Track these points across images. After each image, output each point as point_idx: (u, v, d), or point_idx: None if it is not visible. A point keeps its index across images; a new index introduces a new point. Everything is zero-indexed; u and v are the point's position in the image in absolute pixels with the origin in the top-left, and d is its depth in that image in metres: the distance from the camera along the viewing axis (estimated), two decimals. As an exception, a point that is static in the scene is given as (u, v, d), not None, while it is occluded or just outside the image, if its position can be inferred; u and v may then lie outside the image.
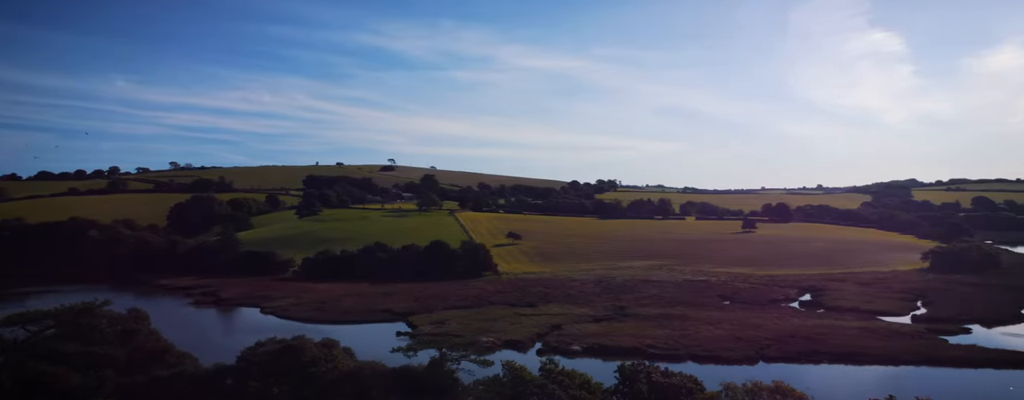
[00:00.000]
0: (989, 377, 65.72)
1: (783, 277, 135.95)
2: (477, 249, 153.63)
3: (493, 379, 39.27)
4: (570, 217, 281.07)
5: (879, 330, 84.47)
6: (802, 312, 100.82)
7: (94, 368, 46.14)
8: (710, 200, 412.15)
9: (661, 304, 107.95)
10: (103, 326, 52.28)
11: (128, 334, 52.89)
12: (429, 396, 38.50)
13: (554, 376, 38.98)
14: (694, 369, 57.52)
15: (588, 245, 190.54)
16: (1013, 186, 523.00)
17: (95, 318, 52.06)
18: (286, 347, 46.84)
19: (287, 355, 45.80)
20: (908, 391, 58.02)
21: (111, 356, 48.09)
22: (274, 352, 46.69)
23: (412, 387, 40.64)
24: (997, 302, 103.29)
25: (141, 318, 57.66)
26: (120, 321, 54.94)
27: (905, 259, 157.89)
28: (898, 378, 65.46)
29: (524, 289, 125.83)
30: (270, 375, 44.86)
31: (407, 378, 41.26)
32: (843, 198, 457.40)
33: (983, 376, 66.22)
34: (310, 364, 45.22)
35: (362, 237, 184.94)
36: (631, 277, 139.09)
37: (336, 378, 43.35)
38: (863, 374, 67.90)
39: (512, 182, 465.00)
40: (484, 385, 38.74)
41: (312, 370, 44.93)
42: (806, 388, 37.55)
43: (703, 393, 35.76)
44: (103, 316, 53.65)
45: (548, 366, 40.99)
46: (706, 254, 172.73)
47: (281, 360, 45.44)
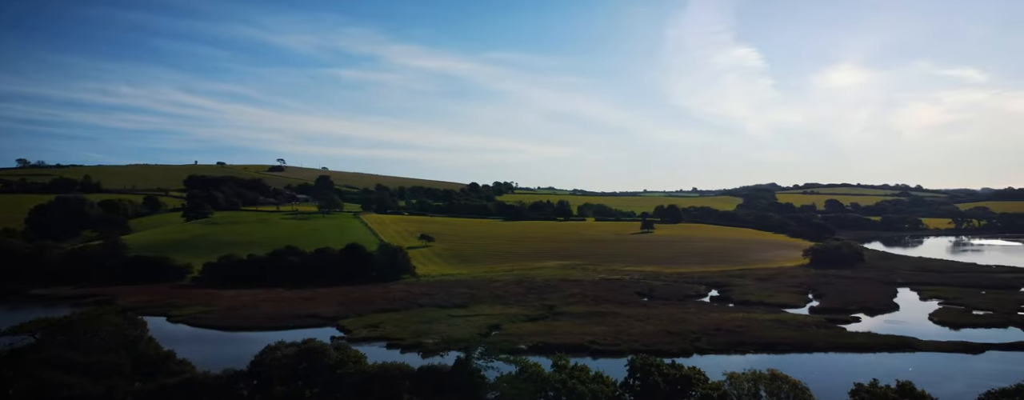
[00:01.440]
0: (887, 359, 74.97)
1: (689, 274, 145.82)
2: (395, 252, 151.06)
3: (515, 375, 40.04)
4: (477, 219, 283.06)
5: (789, 321, 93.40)
6: (717, 307, 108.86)
7: (103, 376, 44.56)
8: (601, 202, 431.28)
9: (587, 302, 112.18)
10: (107, 334, 50.02)
11: (130, 342, 51.05)
12: (456, 394, 38.62)
13: (569, 371, 40.43)
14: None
15: (501, 247, 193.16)
16: (856, 190, 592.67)
17: (101, 326, 50.28)
18: (304, 350, 46.26)
19: (307, 358, 44.99)
20: (831, 375, 65.70)
21: (116, 364, 46.56)
22: (293, 355, 45.80)
23: (440, 385, 40.81)
24: (873, 293, 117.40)
25: (140, 325, 55.63)
26: (121, 328, 53.14)
27: (788, 256, 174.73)
28: (818, 363, 73.06)
29: (448, 291, 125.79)
30: (297, 378, 43.55)
31: (434, 377, 41.38)
32: (718, 200, 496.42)
33: (882, 359, 75.43)
34: (336, 365, 44.61)
35: (265, 241, 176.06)
36: (550, 277, 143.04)
37: (364, 378, 42.92)
38: (787, 362, 74.84)
39: (410, 184, 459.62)
40: (508, 381, 39.37)
41: (339, 372, 44.43)
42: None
43: (709, 383, 38.67)
44: (108, 323, 51.61)
45: (560, 362, 42.31)
46: (614, 254, 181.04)
47: (301, 363, 44.50)
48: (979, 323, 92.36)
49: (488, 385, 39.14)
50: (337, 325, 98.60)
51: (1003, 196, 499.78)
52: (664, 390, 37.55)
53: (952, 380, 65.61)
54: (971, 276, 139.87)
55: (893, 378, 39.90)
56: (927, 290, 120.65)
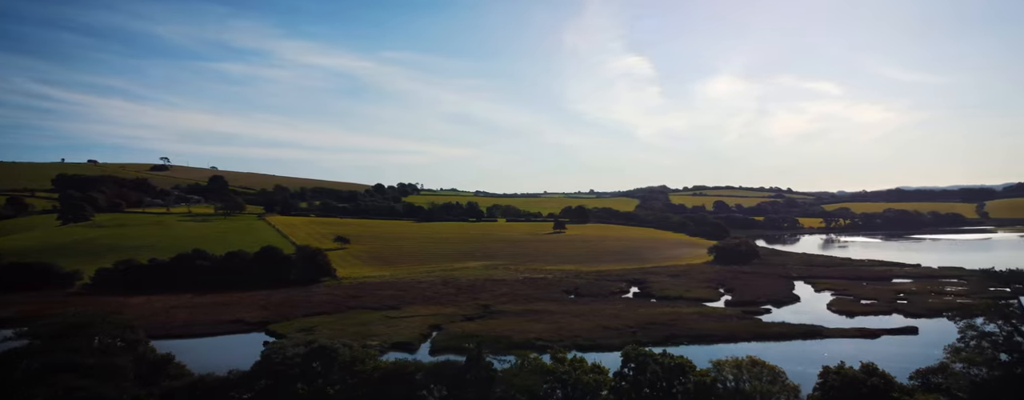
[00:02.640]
0: (803, 346, 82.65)
1: (608, 272, 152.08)
2: (314, 254, 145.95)
3: (521, 368, 40.89)
4: (388, 220, 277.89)
5: (711, 314, 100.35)
6: (642, 302, 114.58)
7: (112, 380, 43.69)
8: (505, 203, 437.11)
9: (519, 301, 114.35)
10: (107, 337, 48.63)
11: (131, 345, 49.65)
12: (471, 387, 38.97)
13: (570, 363, 41.90)
14: (592, 357, 63.86)
15: (420, 248, 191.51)
16: (738, 192, 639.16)
17: (104, 329, 49.10)
18: (317, 349, 45.40)
19: (320, 357, 44.19)
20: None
21: (121, 366, 45.47)
22: (305, 355, 44.93)
23: (454, 381, 40.94)
24: (776, 286, 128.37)
25: (138, 328, 54.30)
26: (120, 331, 51.70)
27: (693, 254, 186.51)
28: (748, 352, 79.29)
29: (376, 293, 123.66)
30: (315, 377, 42.57)
31: (449, 372, 41.57)
32: (617, 201, 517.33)
33: (798, 346, 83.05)
34: (353, 363, 44.05)
35: (164, 244, 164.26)
36: (474, 277, 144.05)
37: (383, 375, 42.52)
38: (720, 352, 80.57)
39: (312, 185, 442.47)
40: (516, 374, 40.12)
41: (358, 369, 43.91)
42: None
43: (698, 370, 41.54)
44: (110, 326, 50.07)
45: (558, 355, 43.58)
46: (533, 253, 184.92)
47: (313, 362, 43.67)
48: (868, 311, 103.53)
49: (499, 378, 39.89)
50: (267, 330, 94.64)
51: (859, 198, 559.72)
52: (662, 377, 40.14)
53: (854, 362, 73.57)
54: (851, 269, 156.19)
55: (816, 363, 44.53)
56: (819, 283, 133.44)
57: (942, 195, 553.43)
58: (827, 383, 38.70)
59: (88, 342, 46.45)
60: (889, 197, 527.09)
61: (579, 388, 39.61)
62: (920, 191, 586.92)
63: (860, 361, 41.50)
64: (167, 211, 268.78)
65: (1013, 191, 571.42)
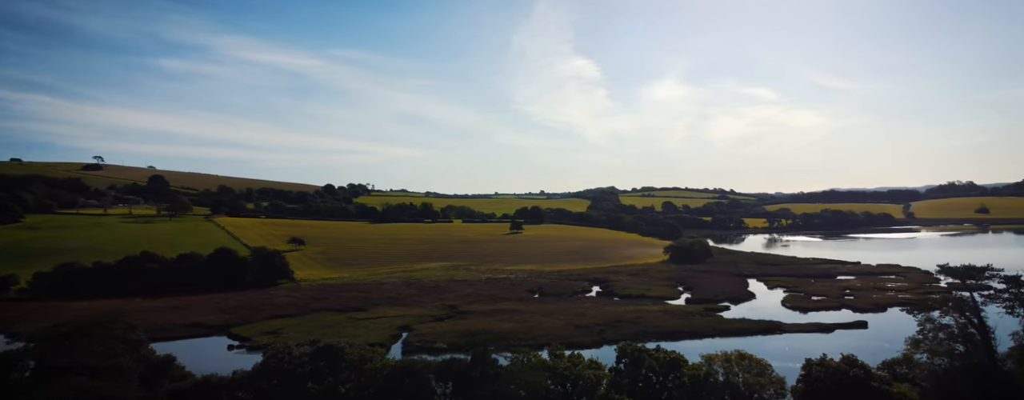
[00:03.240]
0: (763, 341, 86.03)
1: (569, 272, 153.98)
2: (271, 256, 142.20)
3: (522, 365, 41.32)
4: (341, 222, 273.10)
5: (675, 312, 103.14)
6: (607, 301, 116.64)
7: (119, 381, 43.48)
8: (457, 204, 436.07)
9: (485, 301, 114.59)
10: (111, 338, 47.60)
11: (132, 346, 48.87)
12: (479, 384, 39.39)
13: (568, 359, 42.53)
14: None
15: (377, 249, 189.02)
16: (684, 193, 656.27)
17: (111, 330, 48.36)
18: (323, 348, 45.33)
19: (326, 356, 44.32)
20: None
21: (128, 368, 45.34)
22: (311, 354, 44.89)
23: (461, 377, 41.25)
24: (731, 284, 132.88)
25: (138, 329, 53.44)
26: (123, 333, 50.87)
27: (649, 253, 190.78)
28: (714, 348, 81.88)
29: (338, 295, 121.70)
30: (325, 376, 42.65)
31: (455, 369, 41.80)
32: (569, 202, 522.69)
33: (759, 341, 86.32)
34: (361, 362, 44.20)
35: (106, 247, 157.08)
36: (436, 278, 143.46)
37: (393, 373, 42.56)
38: (689, 347, 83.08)
39: (258, 185, 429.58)
40: (520, 371, 40.45)
41: (367, 367, 44.08)
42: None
43: (691, 364, 42.84)
44: (116, 327, 49.51)
45: (557, 352, 44.09)
46: (492, 254, 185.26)
47: (321, 361, 43.64)
48: (820, 307, 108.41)
49: (504, 375, 40.22)
50: (228, 333, 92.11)
51: (797, 199, 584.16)
52: (658, 372, 41.26)
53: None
54: (798, 267, 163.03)
55: (780, 357, 46.74)
56: (771, 281, 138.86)
57: (872, 196, 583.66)
58: (811, 374, 40.72)
59: (94, 344, 45.18)
60: (825, 198, 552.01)
61: (580, 383, 40.43)
62: (852, 192, 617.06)
63: (841, 353, 43.79)
64: (105, 212, 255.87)
65: (934, 193, 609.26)
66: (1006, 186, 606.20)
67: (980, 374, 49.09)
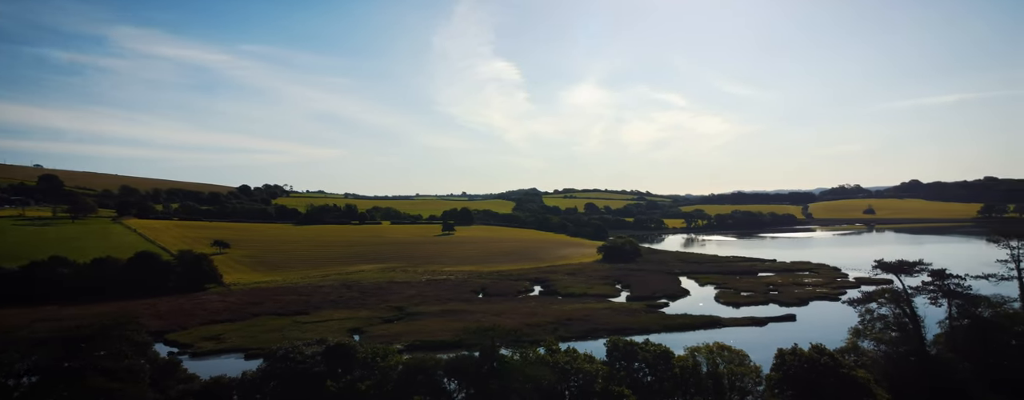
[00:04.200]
0: (706, 334, 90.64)
1: (508, 272, 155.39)
2: (198, 260, 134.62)
3: (524, 360, 41.90)
4: (262, 224, 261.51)
5: (620, 309, 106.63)
6: (551, 299, 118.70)
7: (135, 383, 43.21)
8: (379, 205, 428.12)
9: (431, 302, 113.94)
10: (122, 340, 46.34)
11: (140, 348, 47.83)
12: (491, 379, 39.66)
13: (563, 354, 43.51)
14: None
15: (308, 252, 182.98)
16: (604, 195, 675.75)
17: (125, 332, 46.97)
18: (334, 347, 45.56)
19: (339, 354, 44.32)
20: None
21: (140, 369, 44.93)
22: (323, 353, 44.63)
23: (469, 372, 41.60)
24: (666, 282, 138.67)
25: (143, 331, 51.53)
26: (132, 335, 49.42)
27: (582, 253, 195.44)
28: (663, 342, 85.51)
29: (276, 298, 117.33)
30: (341, 374, 42.58)
31: (464, 365, 42.07)
32: (494, 203, 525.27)
33: (702, 334, 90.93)
34: (374, 358, 44.42)
35: (2, 251, 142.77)
36: (375, 280, 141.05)
37: (409, 370, 42.77)
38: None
39: (166, 186, 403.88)
40: (525, 366, 40.96)
41: (382, 364, 44.13)
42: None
43: (678, 356, 44.85)
44: (127, 330, 48.11)
45: (553, 347, 44.88)
46: (428, 255, 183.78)
47: (333, 360, 43.65)
48: (749, 302, 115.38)
49: (511, 370, 40.71)
50: (165, 340, 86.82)
51: (709, 200, 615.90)
52: (651, 364, 43.04)
53: (767, 347, 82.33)
54: (722, 265, 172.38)
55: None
56: (701, 278, 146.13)
57: (775, 198, 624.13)
58: (785, 363, 43.83)
59: (108, 346, 43.79)
60: (733, 200, 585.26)
61: (580, 376, 41.62)
62: (757, 194, 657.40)
63: (810, 343, 47.35)
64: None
65: (827, 195, 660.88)
66: (888, 189, 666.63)
67: (918, 359, 54.52)
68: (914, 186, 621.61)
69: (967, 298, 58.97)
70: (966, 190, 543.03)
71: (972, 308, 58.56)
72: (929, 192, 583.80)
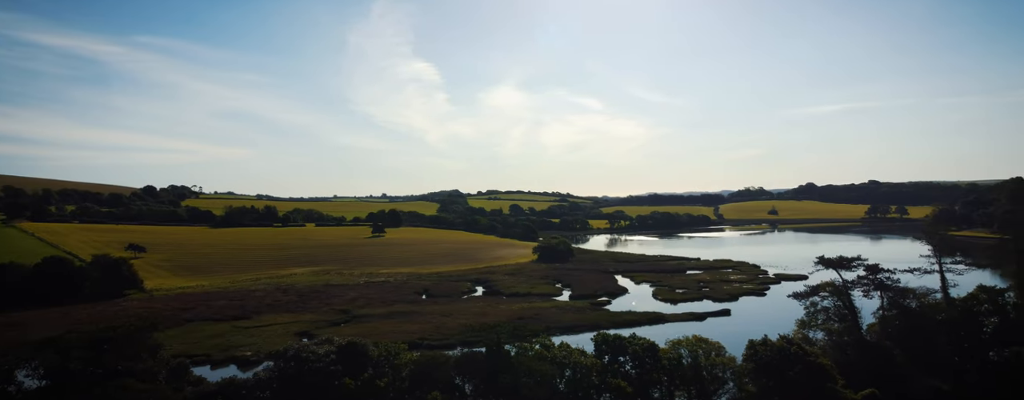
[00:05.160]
0: (652, 330, 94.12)
1: (447, 273, 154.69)
2: (117, 265, 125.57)
3: (531, 355, 42.58)
4: (174, 227, 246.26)
5: (566, 307, 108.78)
6: (497, 299, 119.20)
7: (156, 383, 44.37)
8: (303, 207, 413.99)
9: (376, 304, 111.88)
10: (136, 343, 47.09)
11: (152, 351, 48.38)
12: (504, 373, 40.32)
13: (557, 348, 44.40)
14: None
15: (232, 255, 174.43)
16: (528, 196, 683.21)
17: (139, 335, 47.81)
18: (347, 346, 45.50)
19: (353, 353, 44.61)
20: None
21: (157, 371, 46.40)
22: (338, 352, 44.81)
23: (478, 369, 42.16)
24: (603, 281, 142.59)
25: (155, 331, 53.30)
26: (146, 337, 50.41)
27: (517, 254, 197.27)
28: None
29: (207, 304, 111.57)
30: (359, 371, 42.85)
31: (473, 362, 42.77)
32: (419, 205, 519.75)
33: (648, 330, 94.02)
34: (388, 357, 44.43)
35: None
36: (310, 283, 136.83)
37: (422, 367, 43.07)
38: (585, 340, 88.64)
39: (57, 186, 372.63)
40: (526, 361, 41.53)
41: (396, 362, 44.67)
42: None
43: (661, 348, 46.56)
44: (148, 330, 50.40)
45: (547, 343, 45.46)
46: (362, 258, 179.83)
47: (347, 359, 43.96)
48: (685, 299, 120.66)
49: (517, 365, 41.30)
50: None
51: (628, 202, 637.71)
52: (641, 357, 44.53)
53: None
54: (653, 264, 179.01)
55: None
56: (637, 276, 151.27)
57: (688, 200, 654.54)
58: (757, 353, 46.70)
59: (128, 349, 43.80)
60: (650, 201, 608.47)
61: (579, 370, 42.77)
62: (671, 196, 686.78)
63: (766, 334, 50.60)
64: None
65: (735, 197, 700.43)
66: (787, 191, 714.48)
67: (860, 346, 59.53)
68: (810, 189, 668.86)
69: (896, 290, 64.91)
70: (854, 192, 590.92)
71: (901, 299, 64.56)
72: (823, 194, 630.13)
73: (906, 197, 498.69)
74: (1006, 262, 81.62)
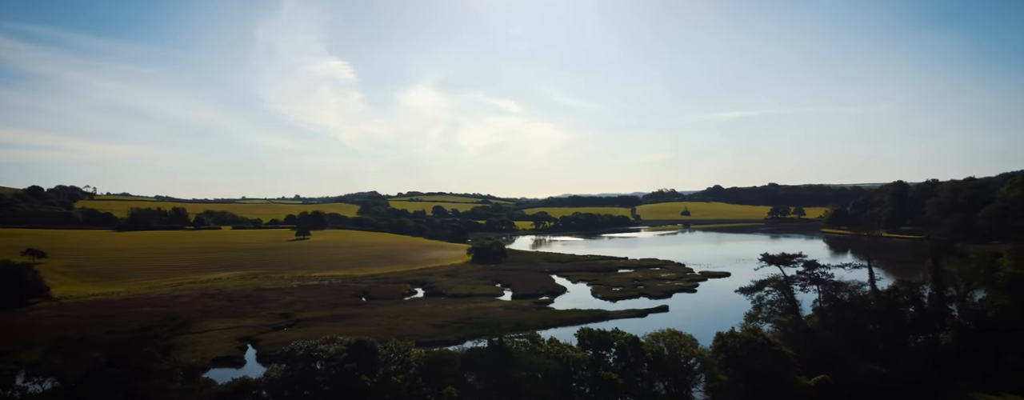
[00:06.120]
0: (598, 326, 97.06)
1: (384, 275, 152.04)
2: (20, 270, 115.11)
3: (528, 351, 43.22)
4: (72, 230, 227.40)
5: (513, 307, 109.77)
6: (441, 300, 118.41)
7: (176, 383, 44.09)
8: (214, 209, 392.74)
9: (316, 307, 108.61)
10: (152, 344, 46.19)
11: (165, 351, 47.17)
12: (500, 370, 41.52)
13: (545, 345, 45.22)
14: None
15: (146, 260, 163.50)
16: (450, 198, 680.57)
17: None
18: (357, 344, 45.78)
19: (363, 351, 45.06)
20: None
21: (175, 372, 45.52)
22: (349, 350, 45.11)
23: (483, 364, 42.86)
24: (542, 280, 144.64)
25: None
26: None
27: (451, 255, 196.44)
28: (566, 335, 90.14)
29: (127, 311, 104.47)
30: (374, 369, 43.59)
31: (476, 358, 43.49)
32: (337, 207, 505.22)
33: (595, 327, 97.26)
34: (399, 353, 44.98)
35: None
36: (240, 288, 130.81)
37: (428, 363, 43.67)
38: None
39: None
40: (526, 355, 42.09)
41: (408, 358, 45.31)
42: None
43: (641, 342, 48.10)
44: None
45: (536, 338, 46.02)
46: (291, 261, 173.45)
47: (360, 357, 44.35)
48: (623, 296, 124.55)
49: (520, 361, 41.90)
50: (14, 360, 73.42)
51: (550, 203, 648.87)
52: (626, 350, 45.93)
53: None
54: (584, 263, 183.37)
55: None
56: (573, 276, 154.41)
57: (606, 201, 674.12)
58: (726, 345, 49.50)
59: (146, 348, 42.86)
60: (570, 203, 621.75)
61: (573, 364, 43.85)
62: (590, 198, 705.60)
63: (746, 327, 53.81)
64: None
65: (650, 198, 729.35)
66: (697, 193, 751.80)
67: (806, 336, 64.20)
68: (717, 191, 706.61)
69: (830, 284, 70.55)
70: (756, 194, 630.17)
71: (834, 293, 70.21)
72: (729, 196, 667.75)
73: (802, 199, 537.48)
74: (921, 257, 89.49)
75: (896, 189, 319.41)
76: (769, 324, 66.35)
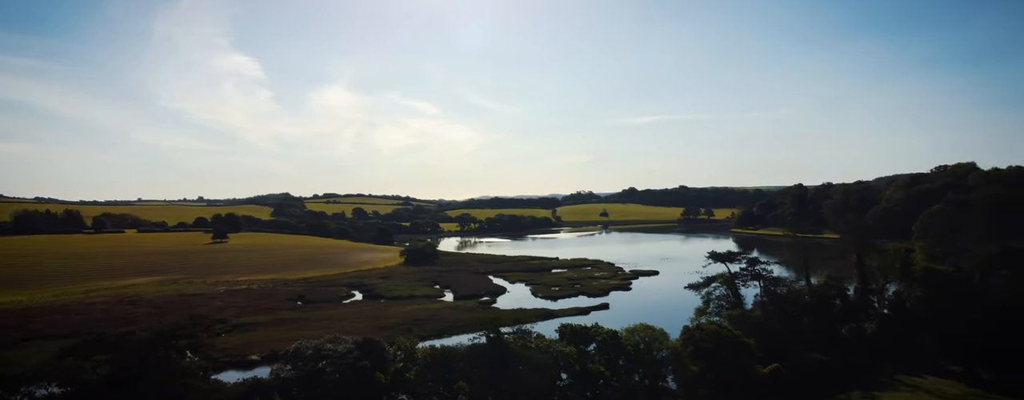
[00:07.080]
0: (546, 324, 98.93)
1: (316, 278, 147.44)
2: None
3: (525, 346, 43.91)
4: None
5: (457, 307, 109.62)
6: (385, 303, 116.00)
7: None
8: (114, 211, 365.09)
9: (252, 312, 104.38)
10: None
11: (180, 352, 45.30)
12: (500, 365, 42.32)
13: (533, 340, 46.08)
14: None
15: (49, 265, 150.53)
16: (369, 200, 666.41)
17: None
18: (365, 342, 46.20)
19: (372, 348, 45.53)
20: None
21: (202, 368, 45.76)
22: (357, 348, 45.29)
23: (484, 359, 43.55)
24: (481, 281, 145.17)
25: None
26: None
27: (383, 258, 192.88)
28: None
29: (40, 320, 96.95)
30: (386, 365, 44.63)
31: (479, 353, 44.23)
32: (246, 208, 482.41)
33: (542, 325, 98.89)
34: (406, 350, 46.10)
35: None
36: (161, 294, 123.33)
37: (434, 359, 44.23)
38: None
39: None
40: (523, 350, 42.64)
41: (416, 354, 46.10)
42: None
43: (618, 337, 49.61)
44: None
45: (525, 334, 46.73)
46: (213, 265, 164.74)
47: (370, 354, 44.77)
48: (562, 295, 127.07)
49: (519, 356, 42.49)
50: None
51: (470, 205, 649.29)
52: (608, 344, 47.34)
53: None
54: (517, 264, 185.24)
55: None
56: (509, 276, 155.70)
57: (527, 203, 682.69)
58: (694, 337, 52.21)
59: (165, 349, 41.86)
60: (492, 204, 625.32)
61: (563, 358, 44.94)
62: (512, 199, 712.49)
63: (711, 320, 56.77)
64: None
65: (569, 200, 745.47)
66: (614, 194, 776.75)
67: (755, 328, 68.53)
68: (632, 193, 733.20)
69: (769, 280, 75.76)
70: (668, 196, 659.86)
71: (773, 287, 75.45)
72: (643, 198, 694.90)
73: (711, 200, 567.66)
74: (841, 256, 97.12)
75: (797, 192, 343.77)
76: (718, 318, 70.28)
